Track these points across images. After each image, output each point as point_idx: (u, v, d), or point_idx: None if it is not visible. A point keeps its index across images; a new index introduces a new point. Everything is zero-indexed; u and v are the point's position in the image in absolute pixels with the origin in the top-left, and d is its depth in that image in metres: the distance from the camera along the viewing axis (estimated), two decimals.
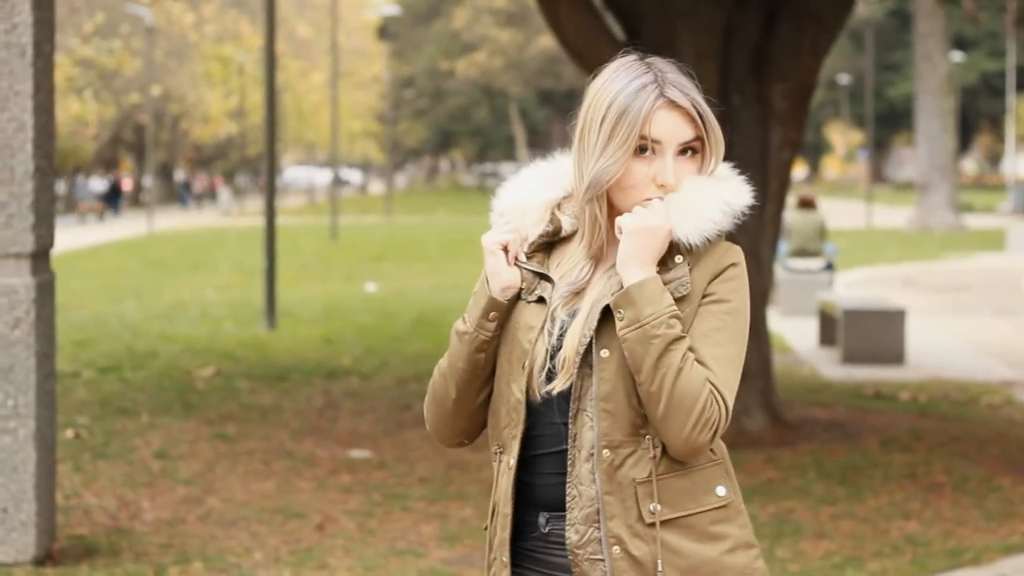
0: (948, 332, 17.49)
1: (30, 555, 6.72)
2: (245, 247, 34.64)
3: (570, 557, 2.85)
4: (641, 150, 2.86)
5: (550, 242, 2.98)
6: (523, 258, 2.95)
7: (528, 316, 2.92)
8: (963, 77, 67.18)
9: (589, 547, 2.84)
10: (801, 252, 19.38)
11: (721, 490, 2.89)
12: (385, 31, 65.69)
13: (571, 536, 2.85)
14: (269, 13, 17.58)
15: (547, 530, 2.91)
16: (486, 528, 3.02)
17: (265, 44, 17.70)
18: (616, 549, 2.82)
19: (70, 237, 38.20)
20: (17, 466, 6.72)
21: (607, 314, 2.84)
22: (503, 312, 2.93)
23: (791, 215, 19.26)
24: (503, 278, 2.93)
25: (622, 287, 2.83)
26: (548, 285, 2.93)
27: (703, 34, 10.09)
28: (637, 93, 2.85)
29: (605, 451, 2.83)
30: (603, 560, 2.83)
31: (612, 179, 2.86)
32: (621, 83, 2.87)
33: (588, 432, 2.84)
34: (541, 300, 2.92)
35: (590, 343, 2.84)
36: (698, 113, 2.86)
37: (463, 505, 8.20)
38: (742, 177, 2.95)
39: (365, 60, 70.90)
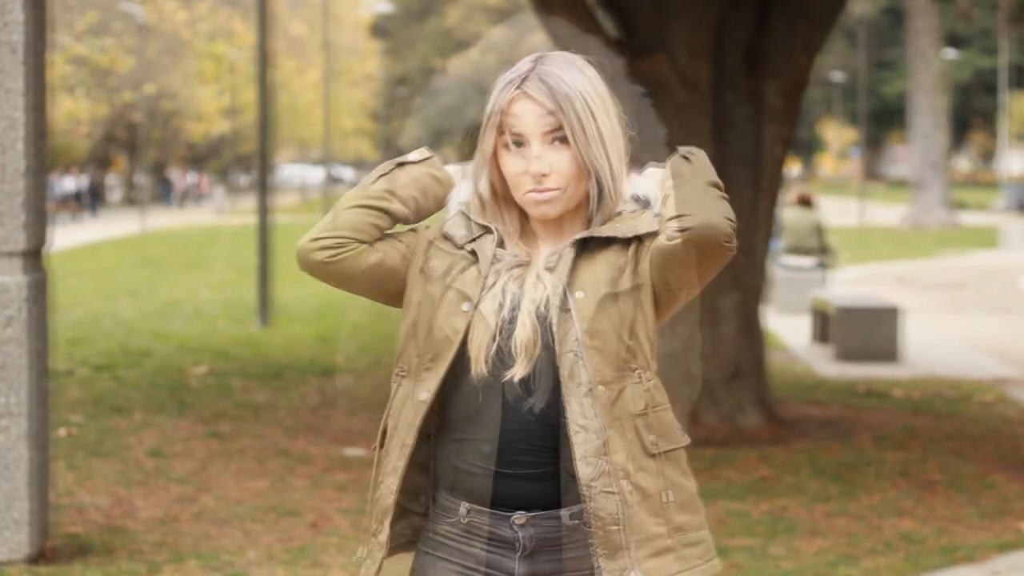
0: (942, 330, 17.50)
1: (24, 554, 6.72)
2: (239, 245, 34.61)
3: (583, 491, 2.82)
4: (517, 144, 2.88)
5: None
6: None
7: (464, 282, 2.91)
8: (956, 75, 67.24)
9: (601, 480, 2.83)
10: (795, 249, 19.36)
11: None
12: (378, 29, 65.69)
13: (583, 470, 2.81)
14: (262, 11, 17.55)
15: (467, 521, 2.90)
16: (375, 449, 2.98)
17: (258, 42, 17.68)
18: (624, 482, 2.83)
19: (59, 236, 38.11)
20: (10, 464, 6.71)
21: (577, 256, 2.85)
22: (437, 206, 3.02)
23: (787, 212, 19.25)
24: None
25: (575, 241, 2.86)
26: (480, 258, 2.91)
27: (696, 31, 10.09)
28: (500, 92, 2.90)
29: (600, 387, 2.82)
30: (615, 493, 2.83)
31: (487, 189, 2.93)
32: (499, 83, 2.92)
33: (581, 369, 2.83)
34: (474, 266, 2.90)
35: (564, 292, 2.83)
36: (557, 102, 2.84)
37: None
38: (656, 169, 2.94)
39: (358, 58, 70.87)
